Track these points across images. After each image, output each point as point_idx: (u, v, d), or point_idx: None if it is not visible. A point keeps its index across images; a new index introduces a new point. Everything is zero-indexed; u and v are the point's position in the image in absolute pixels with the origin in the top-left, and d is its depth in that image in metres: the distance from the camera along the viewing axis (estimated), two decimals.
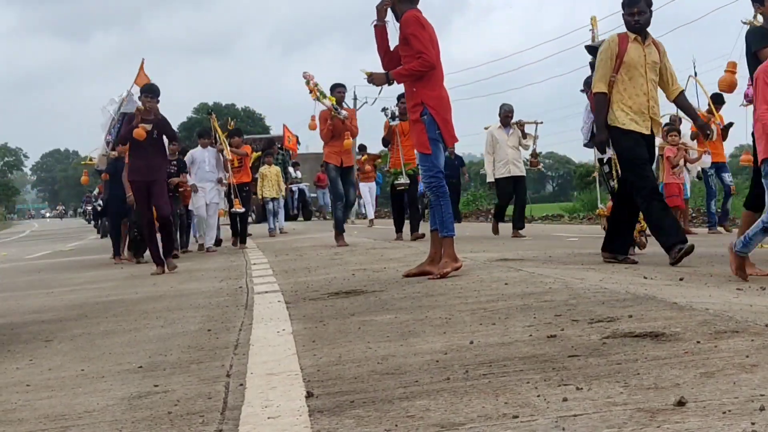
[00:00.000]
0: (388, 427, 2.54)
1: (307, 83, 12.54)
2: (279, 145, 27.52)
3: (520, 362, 3.30)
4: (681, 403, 2.46)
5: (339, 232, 12.73)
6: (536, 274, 6.39)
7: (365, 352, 3.81)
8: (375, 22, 7.12)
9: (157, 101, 10.80)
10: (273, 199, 20.42)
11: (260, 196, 20.44)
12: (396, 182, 13.70)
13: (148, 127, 10.35)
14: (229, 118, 17.54)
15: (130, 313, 6.35)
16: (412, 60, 6.84)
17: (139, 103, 14.20)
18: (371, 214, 23.89)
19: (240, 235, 15.17)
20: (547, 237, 14.17)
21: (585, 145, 9.60)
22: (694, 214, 20.47)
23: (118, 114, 13.19)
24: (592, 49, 8.40)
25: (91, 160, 15.73)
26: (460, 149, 27.51)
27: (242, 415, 2.85)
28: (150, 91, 10.81)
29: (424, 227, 12.07)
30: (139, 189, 10.58)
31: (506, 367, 3.22)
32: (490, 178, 14.71)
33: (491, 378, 3.06)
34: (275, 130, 54.06)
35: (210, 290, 7.55)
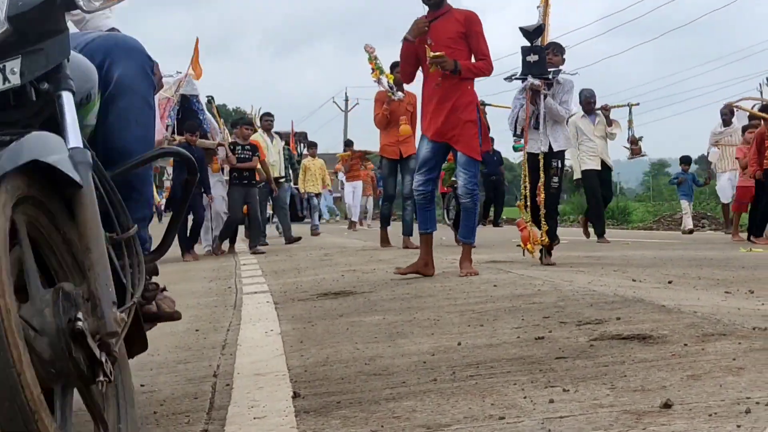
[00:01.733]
0: (374, 427, 2.54)
1: (370, 58, 11.25)
2: (285, 142, 26.86)
3: (508, 364, 3.29)
4: (667, 406, 2.46)
5: (384, 228, 11.86)
6: (525, 276, 6.40)
7: (353, 353, 3.81)
8: (408, 38, 6.83)
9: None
10: (317, 195, 19.39)
11: (302, 190, 19.25)
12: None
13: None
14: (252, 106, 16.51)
15: None
16: (465, 57, 6.75)
17: (196, 86, 13.42)
18: (356, 216, 22.69)
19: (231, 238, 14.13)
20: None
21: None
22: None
23: (176, 95, 12.63)
24: (527, 33, 7.85)
25: None
26: None
27: (228, 415, 2.84)
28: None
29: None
30: None
31: (493, 369, 3.22)
32: (577, 174, 13.10)
33: (478, 379, 3.05)
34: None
35: (199, 290, 7.53)
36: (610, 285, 5.60)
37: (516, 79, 8.12)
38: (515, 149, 10.79)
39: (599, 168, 12.57)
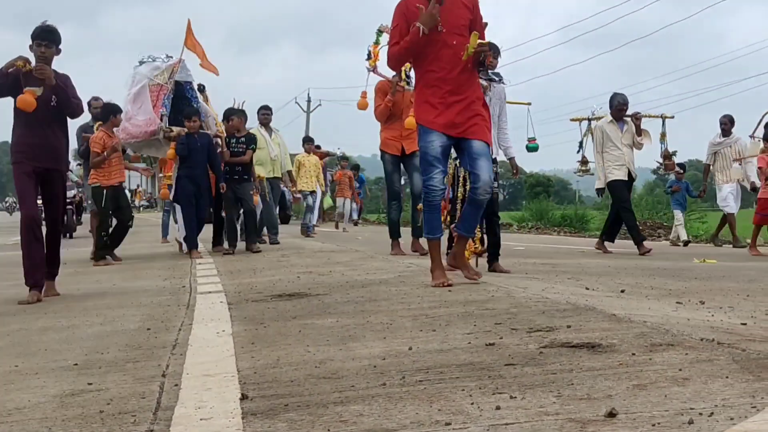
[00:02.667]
0: (320, 431, 2.53)
1: (377, 41, 10.38)
2: None
3: (457, 369, 3.30)
4: (612, 415, 2.48)
5: (395, 237, 10.57)
6: (480, 281, 6.41)
7: (303, 356, 3.80)
8: (422, 29, 6.21)
9: (57, 50, 7.25)
10: (311, 193, 18.16)
11: (297, 188, 17.87)
12: None
13: (39, 91, 6.99)
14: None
15: (70, 309, 6.27)
16: None
17: (190, 72, 12.44)
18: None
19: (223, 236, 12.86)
20: None
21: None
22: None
23: (170, 82, 11.95)
24: None
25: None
26: None
27: (174, 416, 2.82)
28: (44, 36, 7.10)
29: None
30: (29, 177, 7.18)
31: (443, 374, 3.22)
32: (600, 183, 12.23)
33: (427, 384, 3.06)
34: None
35: (153, 288, 7.48)
36: (563, 293, 5.64)
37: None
38: (529, 149, 10.26)
39: (626, 178, 11.91)
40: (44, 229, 7.38)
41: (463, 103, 6.32)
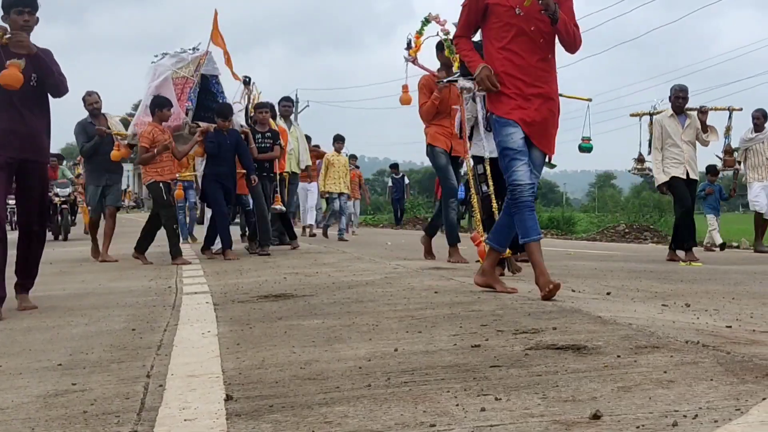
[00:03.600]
0: None
1: (420, 30, 9.29)
2: None
3: (443, 371, 3.30)
4: (596, 417, 2.48)
5: (454, 243, 9.40)
6: (467, 283, 6.42)
7: (289, 357, 3.79)
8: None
9: (35, 18, 6.34)
10: (340, 195, 17.26)
11: (323, 189, 17.27)
12: None
13: (23, 63, 6.03)
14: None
15: (55, 309, 6.24)
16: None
17: (216, 66, 11.75)
18: (311, 220, 19.19)
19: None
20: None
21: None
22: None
23: (196, 75, 11.47)
24: None
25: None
26: (401, 158, 22.88)
27: (159, 417, 2.81)
28: (27, 2, 6.24)
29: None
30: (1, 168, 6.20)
31: (428, 376, 3.22)
32: (659, 180, 10.98)
33: (412, 386, 3.05)
34: None
35: (139, 289, 7.46)
36: None
37: (448, 81, 7.71)
38: (582, 149, 9.58)
39: (684, 177, 10.79)
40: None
41: (545, 97, 5.74)
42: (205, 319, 5.20)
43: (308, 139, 17.25)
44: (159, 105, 10.70)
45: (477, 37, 6.23)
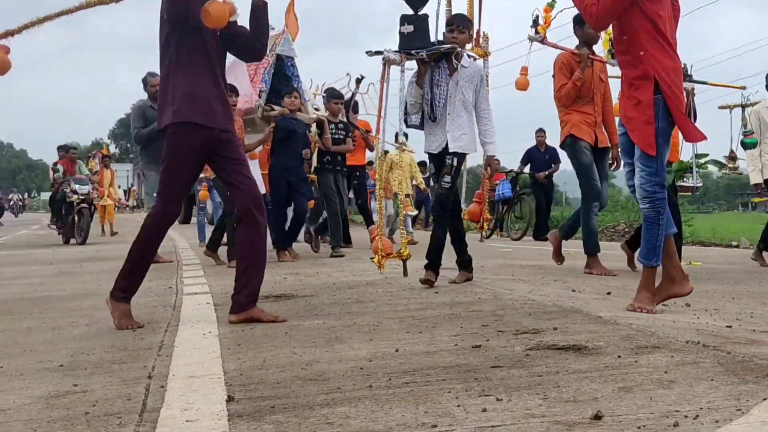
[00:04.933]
0: None
1: (552, 3, 7.95)
2: None
3: (443, 371, 3.30)
4: (597, 417, 2.49)
5: (594, 252, 8.24)
6: (467, 284, 6.42)
7: (290, 357, 3.79)
8: None
9: None
10: (406, 197, 15.07)
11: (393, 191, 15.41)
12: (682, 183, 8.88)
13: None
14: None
15: (55, 310, 6.24)
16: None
17: (293, 47, 10.74)
18: (410, 226, 16.28)
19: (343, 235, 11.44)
20: (480, 247, 14.24)
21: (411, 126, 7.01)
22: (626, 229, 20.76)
23: (271, 55, 10.77)
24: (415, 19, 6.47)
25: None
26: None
27: (160, 418, 2.81)
28: None
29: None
30: (201, 144, 5.08)
31: (429, 376, 3.23)
32: (756, 178, 9.80)
33: (413, 387, 3.06)
34: None
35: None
36: (550, 295, 5.65)
37: (376, 53, 6.59)
38: (745, 145, 8.92)
39: None
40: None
41: (625, 85, 5.23)
42: (206, 319, 5.20)
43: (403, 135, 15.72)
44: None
45: None
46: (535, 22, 8.07)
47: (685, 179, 8.80)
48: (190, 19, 4.94)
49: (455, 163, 6.63)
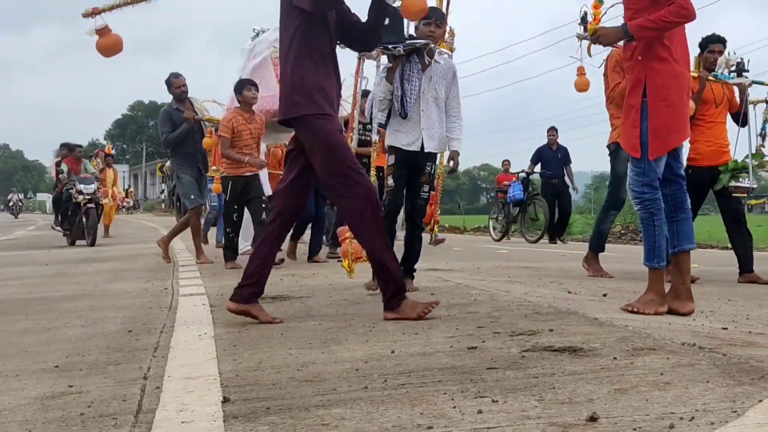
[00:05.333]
0: None
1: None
2: None
3: (439, 373, 3.30)
4: (593, 419, 2.49)
5: (596, 251, 8.27)
6: (463, 285, 6.43)
7: (286, 359, 3.79)
8: None
9: None
10: None
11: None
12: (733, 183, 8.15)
13: None
14: None
15: (51, 311, 6.24)
16: (652, 9, 4.94)
17: None
18: None
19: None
20: (477, 248, 14.26)
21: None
22: (623, 231, 20.79)
23: None
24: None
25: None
26: None
27: (156, 419, 2.81)
28: None
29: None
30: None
31: (425, 378, 3.23)
32: None
33: (409, 388, 3.06)
34: None
35: (135, 290, 7.45)
36: (546, 296, 5.65)
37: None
38: None
39: None
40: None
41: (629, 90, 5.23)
42: (202, 321, 5.20)
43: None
44: (238, 88, 9.41)
45: None
46: (584, 20, 6.98)
47: (740, 179, 8.26)
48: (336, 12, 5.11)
49: (433, 171, 6.42)
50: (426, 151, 6.29)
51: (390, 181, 6.31)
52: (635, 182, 5.08)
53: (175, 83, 10.66)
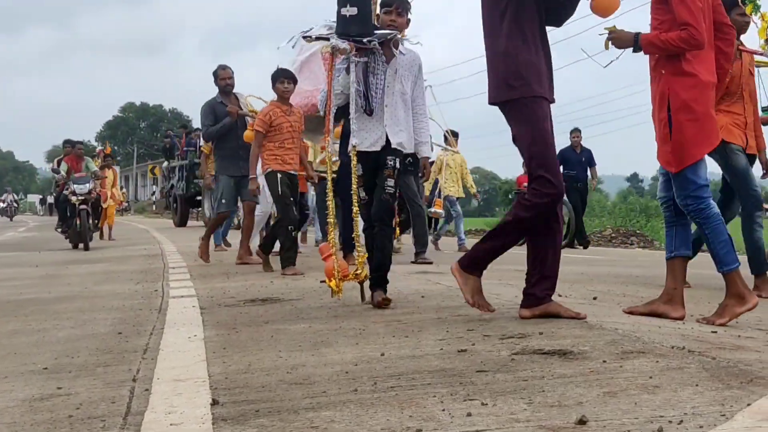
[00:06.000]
0: None
1: None
2: None
3: (429, 375, 3.30)
4: (582, 422, 2.49)
5: (761, 270, 7.25)
6: (454, 288, 6.39)
7: (275, 361, 3.79)
8: None
9: None
10: (458, 198, 14.90)
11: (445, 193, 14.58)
12: None
13: None
14: None
15: (41, 312, 6.22)
16: (668, 29, 4.95)
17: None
18: (462, 233, 15.22)
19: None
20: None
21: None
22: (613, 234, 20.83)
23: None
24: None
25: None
26: None
27: (144, 421, 2.81)
28: None
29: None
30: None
31: (414, 381, 3.23)
32: None
33: (398, 391, 3.06)
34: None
35: (125, 292, 7.43)
36: None
37: (318, 38, 5.98)
38: None
39: None
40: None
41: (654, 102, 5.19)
42: (192, 323, 5.19)
43: (455, 134, 15.04)
44: (273, 79, 8.98)
45: None
46: None
47: None
48: None
49: (398, 165, 5.84)
50: (392, 146, 5.78)
51: (362, 193, 5.84)
52: (679, 196, 5.07)
53: (221, 75, 10.36)
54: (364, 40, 5.65)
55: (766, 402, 2.68)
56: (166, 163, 30.47)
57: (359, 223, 5.89)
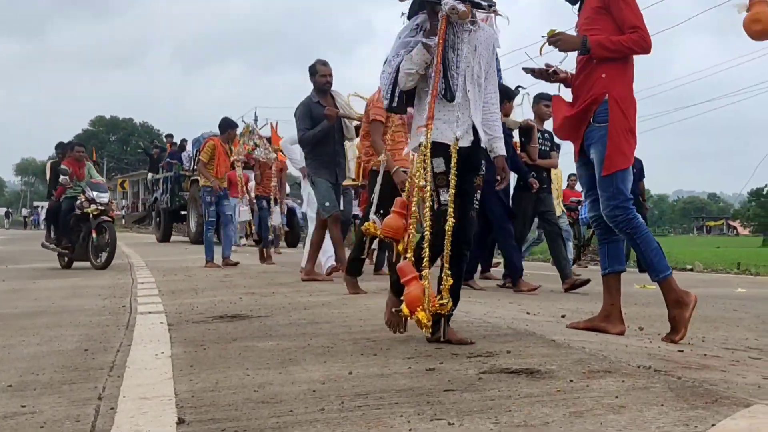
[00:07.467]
0: None
1: None
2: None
3: (396, 395, 3.30)
4: None
5: None
6: None
7: (243, 379, 3.77)
8: None
9: None
10: (559, 217, 12.93)
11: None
12: None
13: None
14: None
15: (6, 328, 6.15)
16: (613, 34, 5.01)
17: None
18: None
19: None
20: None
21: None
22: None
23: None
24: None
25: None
26: None
27: None
28: None
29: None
30: None
31: (382, 399, 3.22)
32: None
33: (365, 410, 3.05)
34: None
35: (92, 308, 7.37)
36: (505, 317, 5.67)
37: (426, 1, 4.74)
38: None
39: None
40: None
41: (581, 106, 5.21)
42: (159, 339, 5.16)
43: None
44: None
45: None
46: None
47: None
48: None
49: (483, 171, 5.00)
50: (482, 145, 4.87)
51: (444, 196, 4.58)
52: (607, 207, 5.11)
53: (321, 71, 9.48)
54: (483, 3, 4.72)
55: (730, 422, 2.70)
56: (150, 176, 30.05)
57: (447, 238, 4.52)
